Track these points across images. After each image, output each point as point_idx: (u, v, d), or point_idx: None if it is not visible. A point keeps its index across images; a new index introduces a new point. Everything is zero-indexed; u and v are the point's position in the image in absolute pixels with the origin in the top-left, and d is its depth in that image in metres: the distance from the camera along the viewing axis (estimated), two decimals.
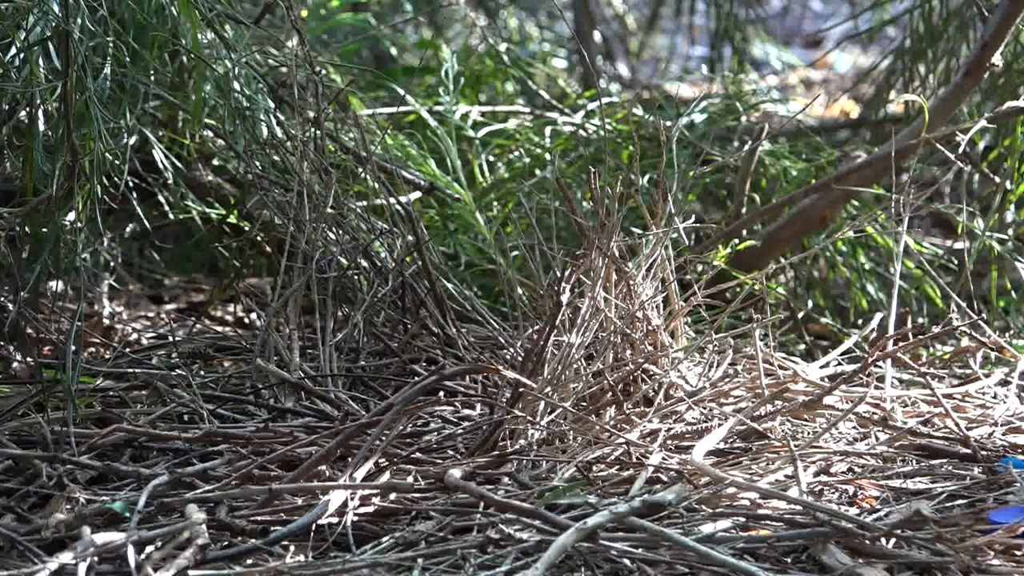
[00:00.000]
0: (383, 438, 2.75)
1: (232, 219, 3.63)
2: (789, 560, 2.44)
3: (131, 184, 3.25)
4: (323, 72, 3.45)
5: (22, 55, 2.98)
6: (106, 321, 3.69)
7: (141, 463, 2.84)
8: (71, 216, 3.05)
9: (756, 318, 3.14)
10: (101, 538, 2.36)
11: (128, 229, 3.79)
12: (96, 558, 2.34)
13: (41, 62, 3.00)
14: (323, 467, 2.72)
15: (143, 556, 2.34)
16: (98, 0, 3.00)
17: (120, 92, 3.05)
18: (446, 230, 3.77)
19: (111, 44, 3.02)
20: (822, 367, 3.32)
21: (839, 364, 3.38)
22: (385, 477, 2.74)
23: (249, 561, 2.44)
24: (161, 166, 3.41)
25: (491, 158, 4.03)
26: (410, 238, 3.32)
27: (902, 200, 3.27)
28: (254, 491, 2.60)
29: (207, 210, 3.59)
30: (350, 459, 2.76)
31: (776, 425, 3.00)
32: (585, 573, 2.36)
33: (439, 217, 3.78)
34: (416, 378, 3.13)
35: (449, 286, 3.37)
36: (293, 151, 3.28)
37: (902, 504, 2.65)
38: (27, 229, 3.13)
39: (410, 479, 2.72)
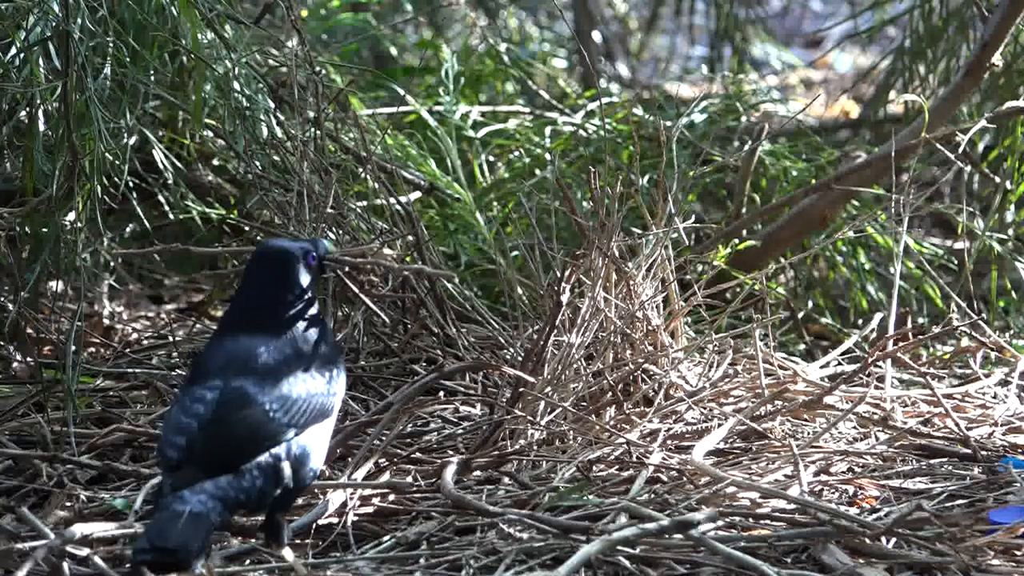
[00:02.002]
0: (383, 437, 2.75)
1: (232, 219, 3.63)
2: (789, 560, 2.44)
3: (131, 184, 3.25)
4: (323, 72, 3.45)
5: (22, 55, 2.98)
6: (106, 321, 3.68)
7: (141, 463, 2.84)
8: (71, 216, 3.05)
9: (756, 318, 3.14)
10: (100, 531, 2.37)
11: (128, 229, 3.79)
12: (96, 557, 2.35)
13: (41, 62, 3.00)
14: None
15: None
16: (98, 0, 3.00)
17: (120, 92, 3.05)
18: (446, 230, 3.76)
19: (111, 44, 3.02)
20: (822, 367, 3.32)
21: (839, 364, 3.38)
22: (385, 477, 2.74)
23: (249, 561, 2.44)
24: (161, 166, 3.41)
25: (491, 158, 4.03)
26: (410, 238, 3.32)
27: (902, 200, 3.27)
28: None
29: (207, 210, 3.58)
30: (350, 459, 2.76)
31: (776, 425, 3.00)
32: (585, 573, 2.36)
33: (439, 217, 3.78)
34: (416, 377, 3.13)
35: (449, 286, 3.36)
36: (293, 151, 3.28)
37: (902, 504, 2.65)
38: (27, 229, 3.13)
39: (410, 479, 2.72)
